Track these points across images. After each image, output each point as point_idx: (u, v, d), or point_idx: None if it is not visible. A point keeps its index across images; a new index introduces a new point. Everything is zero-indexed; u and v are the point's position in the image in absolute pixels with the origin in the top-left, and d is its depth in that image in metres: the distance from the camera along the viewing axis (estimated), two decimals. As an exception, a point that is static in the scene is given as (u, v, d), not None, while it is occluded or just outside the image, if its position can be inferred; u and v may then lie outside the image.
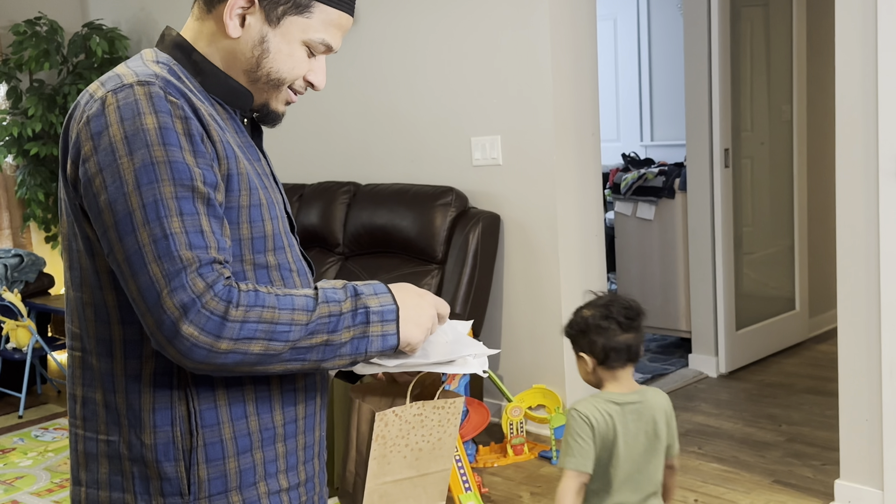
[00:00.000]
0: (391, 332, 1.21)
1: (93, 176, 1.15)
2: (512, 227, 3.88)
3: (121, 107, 1.15)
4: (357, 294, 1.20)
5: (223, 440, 1.22)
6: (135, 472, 1.22)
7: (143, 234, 1.11)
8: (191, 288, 1.10)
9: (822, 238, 5.05)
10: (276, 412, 1.26)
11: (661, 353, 4.96)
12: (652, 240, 4.87)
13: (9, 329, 4.61)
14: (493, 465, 3.55)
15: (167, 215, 1.12)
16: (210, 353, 1.11)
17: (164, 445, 1.20)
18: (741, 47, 4.54)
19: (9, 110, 5.39)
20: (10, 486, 3.66)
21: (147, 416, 1.21)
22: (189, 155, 1.15)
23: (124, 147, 1.13)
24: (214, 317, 1.10)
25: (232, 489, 1.23)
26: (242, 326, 1.11)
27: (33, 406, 4.72)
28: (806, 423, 3.83)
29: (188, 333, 1.09)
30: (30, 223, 5.61)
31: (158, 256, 1.10)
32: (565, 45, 3.70)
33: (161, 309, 1.10)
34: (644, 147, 7.15)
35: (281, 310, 1.14)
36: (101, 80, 1.23)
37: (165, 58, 1.28)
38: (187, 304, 1.09)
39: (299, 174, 4.73)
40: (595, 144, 3.86)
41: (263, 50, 1.27)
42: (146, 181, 1.12)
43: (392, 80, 4.26)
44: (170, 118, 1.15)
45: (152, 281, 1.10)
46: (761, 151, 4.74)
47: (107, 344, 1.22)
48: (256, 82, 1.29)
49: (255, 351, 1.13)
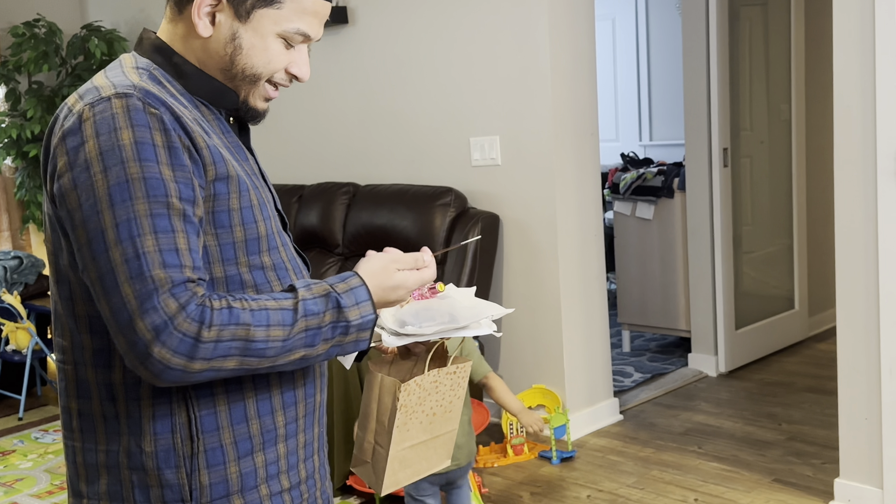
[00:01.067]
0: (364, 338, 1.21)
1: (67, 192, 1.13)
2: (511, 227, 3.88)
3: (97, 121, 1.13)
4: (339, 307, 1.18)
5: (223, 445, 1.21)
6: (134, 480, 1.21)
7: (116, 253, 1.09)
8: (163, 309, 1.08)
9: (822, 237, 5.05)
10: (277, 413, 1.26)
11: (660, 353, 4.96)
12: (651, 239, 4.87)
13: (8, 331, 4.61)
14: (493, 465, 3.55)
15: (140, 234, 1.10)
16: (184, 374, 1.10)
17: (164, 452, 1.20)
18: (740, 47, 4.54)
19: (8, 112, 5.39)
20: (11, 488, 3.66)
21: (147, 423, 1.19)
22: (167, 169, 1.13)
23: (99, 163, 1.11)
24: (187, 338, 1.08)
25: (234, 493, 1.22)
26: (216, 346, 1.10)
27: (33, 408, 4.72)
28: (806, 421, 3.83)
29: (160, 356, 1.08)
30: (29, 225, 5.60)
31: (130, 277, 1.09)
32: (564, 45, 3.70)
33: (132, 330, 1.08)
34: (643, 147, 7.16)
35: (256, 327, 1.12)
36: (80, 92, 1.21)
37: (145, 63, 1.25)
38: (159, 327, 1.08)
39: (298, 175, 4.73)
40: (594, 144, 3.86)
41: (236, 47, 1.24)
42: (119, 199, 1.10)
43: (391, 81, 4.27)
44: (148, 131, 1.13)
45: (124, 302, 1.09)
46: (760, 150, 4.74)
47: (104, 354, 1.21)
48: (233, 79, 1.27)
49: (229, 367, 1.12)
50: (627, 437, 3.78)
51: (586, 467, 3.50)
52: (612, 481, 3.35)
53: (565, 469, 3.49)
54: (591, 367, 3.89)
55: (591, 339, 3.89)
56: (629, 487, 3.29)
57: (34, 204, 5.35)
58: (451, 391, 1.38)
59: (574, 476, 3.42)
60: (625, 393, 4.30)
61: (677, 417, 3.98)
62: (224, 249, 1.20)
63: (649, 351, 5.01)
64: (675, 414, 4.03)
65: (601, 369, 3.95)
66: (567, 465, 3.53)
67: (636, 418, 4.00)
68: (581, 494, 3.26)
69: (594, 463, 3.53)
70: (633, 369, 4.67)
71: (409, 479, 1.38)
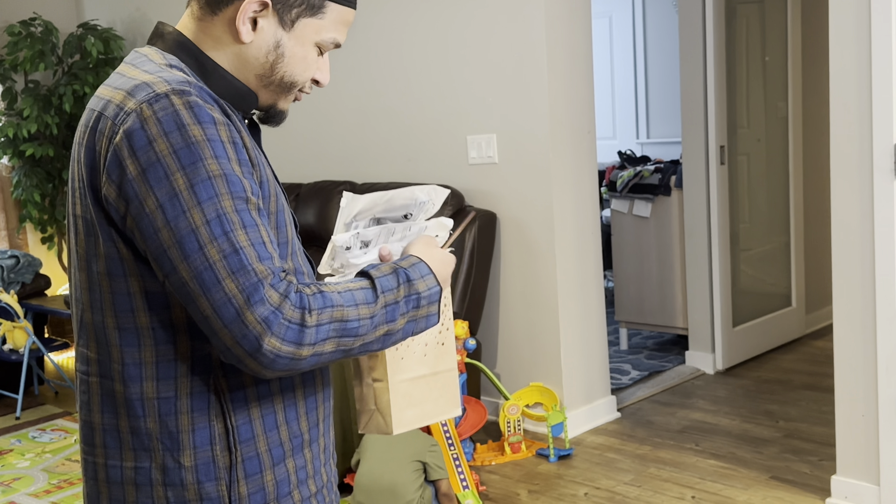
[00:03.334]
0: (434, 311, 1.23)
1: (143, 196, 1.10)
2: (508, 225, 3.88)
3: (161, 119, 1.10)
4: (409, 281, 1.20)
5: (259, 453, 1.20)
6: (170, 496, 1.18)
7: (212, 250, 1.08)
8: (268, 301, 1.08)
9: (819, 234, 5.05)
10: (301, 419, 1.26)
11: (658, 351, 4.96)
12: (648, 237, 4.87)
13: (5, 330, 4.61)
14: (490, 462, 3.55)
15: (232, 229, 1.09)
16: (292, 361, 1.10)
17: (204, 465, 1.18)
18: (736, 44, 4.55)
19: (4, 111, 5.38)
20: (8, 487, 3.65)
21: (186, 437, 1.17)
22: (236, 165, 1.12)
23: (175, 162, 1.09)
24: (293, 325, 1.09)
25: (271, 501, 1.21)
26: (318, 330, 1.10)
27: (30, 407, 4.72)
28: (803, 419, 3.84)
29: (271, 346, 1.07)
30: (26, 224, 5.60)
31: (232, 272, 1.08)
32: (561, 43, 3.70)
33: (242, 324, 1.07)
34: (640, 144, 7.16)
35: (347, 307, 1.13)
36: (125, 88, 1.16)
37: (175, 60, 1.22)
38: (268, 318, 1.07)
39: (296, 174, 4.72)
40: (591, 142, 3.86)
41: (279, 55, 1.23)
42: (206, 196, 1.09)
43: (387, 79, 4.26)
44: (214, 128, 1.11)
45: (228, 297, 1.07)
46: (757, 148, 4.75)
47: (137, 367, 1.18)
48: (269, 86, 1.26)
49: (329, 350, 1.12)
50: (625, 435, 3.78)
51: (584, 465, 3.50)
52: (610, 479, 3.36)
53: (563, 467, 3.49)
54: (588, 365, 3.89)
55: (588, 336, 3.90)
56: (626, 485, 3.29)
57: (31, 203, 5.34)
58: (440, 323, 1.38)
59: (571, 474, 3.43)
60: (622, 391, 4.30)
61: (675, 415, 3.98)
62: None
63: (646, 349, 5.02)
64: (673, 411, 4.03)
65: (598, 367, 3.95)
66: (564, 462, 3.54)
67: (633, 416, 4.00)
68: (578, 492, 3.26)
69: (591, 461, 3.54)
70: (631, 367, 4.68)
71: (419, 420, 1.37)
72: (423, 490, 2.79)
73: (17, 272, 4.94)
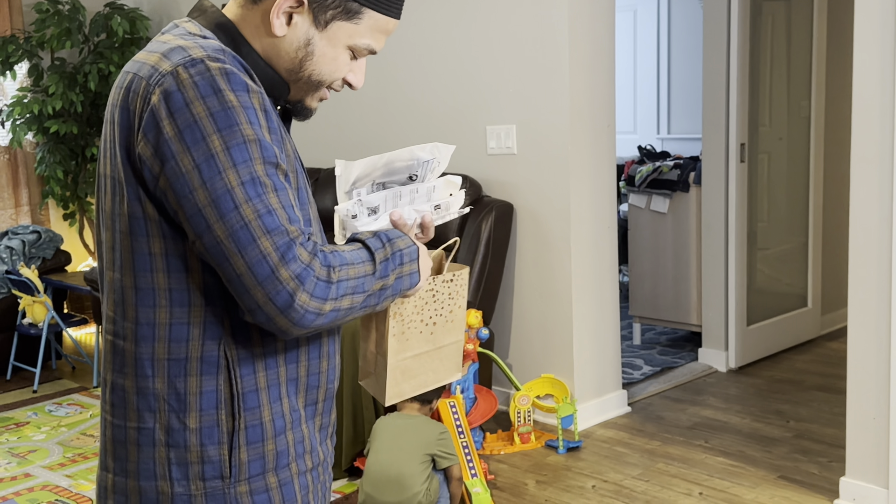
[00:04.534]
0: (415, 269, 1.27)
1: (180, 156, 1.12)
2: (525, 216, 3.89)
3: (198, 83, 1.12)
4: (390, 240, 1.25)
5: (263, 423, 1.23)
6: (172, 457, 1.21)
7: (247, 209, 1.12)
8: (300, 259, 1.13)
9: (838, 235, 5.03)
10: (299, 395, 1.28)
11: (670, 347, 4.96)
12: (665, 233, 4.87)
13: (25, 305, 4.67)
14: (499, 452, 3.57)
15: (265, 192, 1.13)
16: (318, 317, 1.15)
17: (208, 429, 1.20)
18: (761, 41, 4.52)
19: (30, 88, 5.43)
20: (24, 459, 3.71)
21: (193, 399, 1.20)
22: (267, 133, 1.16)
23: (212, 125, 1.12)
24: (321, 282, 1.14)
25: (269, 470, 1.24)
26: (339, 286, 1.16)
27: (48, 381, 4.78)
28: (814, 419, 3.83)
29: (302, 301, 1.12)
30: (48, 200, 5.66)
31: (267, 231, 1.12)
32: (583, 36, 3.69)
33: (276, 281, 1.11)
34: (660, 140, 7.14)
35: (356, 264, 1.19)
36: (160, 51, 1.18)
37: (210, 35, 1.24)
38: (301, 275, 1.12)
39: (316, 159, 4.75)
40: (610, 136, 3.86)
41: (308, 52, 1.25)
42: (240, 159, 1.12)
43: (408, 68, 4.27)
44: (247, 95, 1.15)
45: (263, 255, 1.11)
46: (778, 147, 4.72)
47: (150, 327, 1.20)
48: (296, 81, 1.28)
49: (345, 306, 1.17)
50: (634, 430, 3.79)
51: (592, 457, 3.51)
52: (618, 472, 3.37)
53: (571, 459, 3.51)
54: (600, 359, 3.90)
55: (601, 330, 3.90)
56: (634, 479, 3.31)
57: (54, 179, 5.40)
58: (450, 300, 1.39)
59: (580, 466, 3.44)
60: (633, 385, 4.31)
61: (685, 411, 3.99)
62: None
63: (659, 344, 5.02)
64: (683, 408, 4.04)
65: (610, 361, 3.96)
66: (573, 454, 3.55)
67: (644, 411, 4.01)
68: (586, 484, 3.28)
69: (600, 453, 3.55)
70: (643, 362, 4.68)
71: (415, 389, 1.40)
72: (429, 481, 2.82)
73: (38, 247, 5.00)
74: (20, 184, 5.75)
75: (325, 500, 1.36)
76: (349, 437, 3.26)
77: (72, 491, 3.37)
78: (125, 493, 1.24)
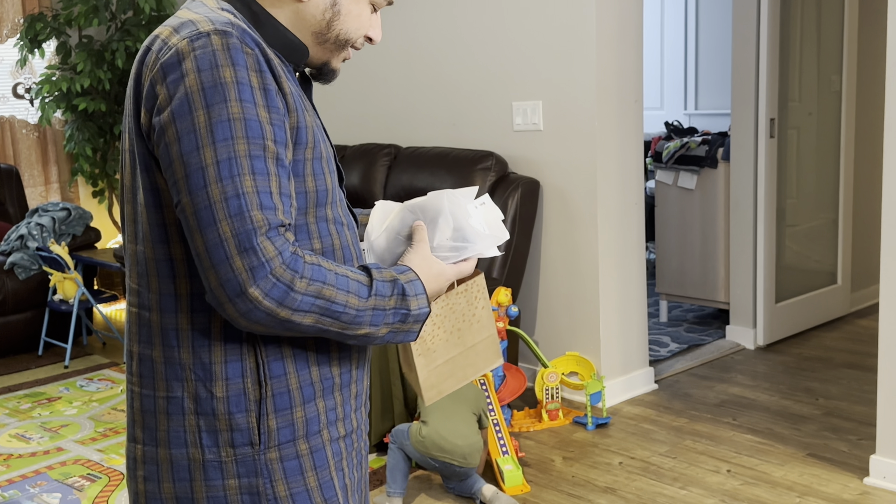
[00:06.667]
0: (416, 330, 1.25)
1: (166, 125, 1.13)
2: (551, 193, 3.87)
3: (197, 56, 1.13)
4: (404, 295, 1.22)
5: (290, 390, 1.23)
6: (201, 425, 1.22)
7: (215, 190, 1.11)
8: (261, 251, 1.10)
9: (868, 212, 4.97)
10: (333, 362, 1.28)
11: (698, 324, 4.94)
12: (693, 210, 4.83)
13: (56, 281, 4.72)
14: (528, 429, 3.58)
15: (240, 173, 1.11)
16: (268, 318, 1.12)
17: (235, 397, 1.21)
18: (791, 14, 4.45)
19: (58, 65, 5.46)
20: (56, 433, 3.77)
21: (219, 368, 1.21)
22: (263, 111, 1.14)
23: (201, 99, 1.12)
24: (280, 284, 1.11)
25: (299, 437, 1.25)
26: (303, 299, 1.13)
27: (79, 357, 4.85)
28: (843, 397, 3.81)
29: (253, 296, 1.10)
30: (77, 178, 5.71)
31: (230, 215, 1.10)
32: (610, 10, 3.65)
33: (228, 268, 1.10)
34: (688, 115, 7.06)
35: (338, 290, 1.15)
36: (172, 25, 1.20)
37: (227, 7, 1.25)
38: (256, 268, 1.10)
39: (341, 135, 4.75)
40: (638, 112, 3.83)
41: (335, 13, 1.27)
42: (221, 137, 1.11)
43: (434, 44, 4.25)
44: (246, 72, 1.14)
45: (221, 239, 1.10)
46: (808, 122, 4.66)
47: (172, 298, 1.21)
48: (324, 43, 1.29)
49: (306, 323, 1.15)
50: (661, 407, 3.79)
51: (619, 434, 3.52)
52: (645, 449, 3.37)
53: (598, 435, 3.51)
54: (626, 336, 3.89)
55: (627, 307, 3.89)
56: (662, 456, 3.31)
57: (83, 157, 5.44)
58: (469, 306, 1.37)
59: (607, 443, 3.45)
60: (660, 363, 4.30)
61: (713, 389, 3.97)
62: (297, 198, 1.21)
63: (686, 322, 4.99)
64: (711, 385, 4.02)
65: (637, 338, 3.95)
66: (601, 431, 3.55)
67: (671, 388, 4.00)
68: (613, 461, 3.28)
69: (627, 430, 3.55)
70: (670, 339, 4.67)
71: (456, 385, 1.38)
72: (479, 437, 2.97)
73: (68, 224, 5.05)
74: (49, 161, 5.81)
75: (361, 468, 1.37)
76: (377, 413, 3.28)
77: (103, 465, 3.42)
78: (156, 462, 1.25)
